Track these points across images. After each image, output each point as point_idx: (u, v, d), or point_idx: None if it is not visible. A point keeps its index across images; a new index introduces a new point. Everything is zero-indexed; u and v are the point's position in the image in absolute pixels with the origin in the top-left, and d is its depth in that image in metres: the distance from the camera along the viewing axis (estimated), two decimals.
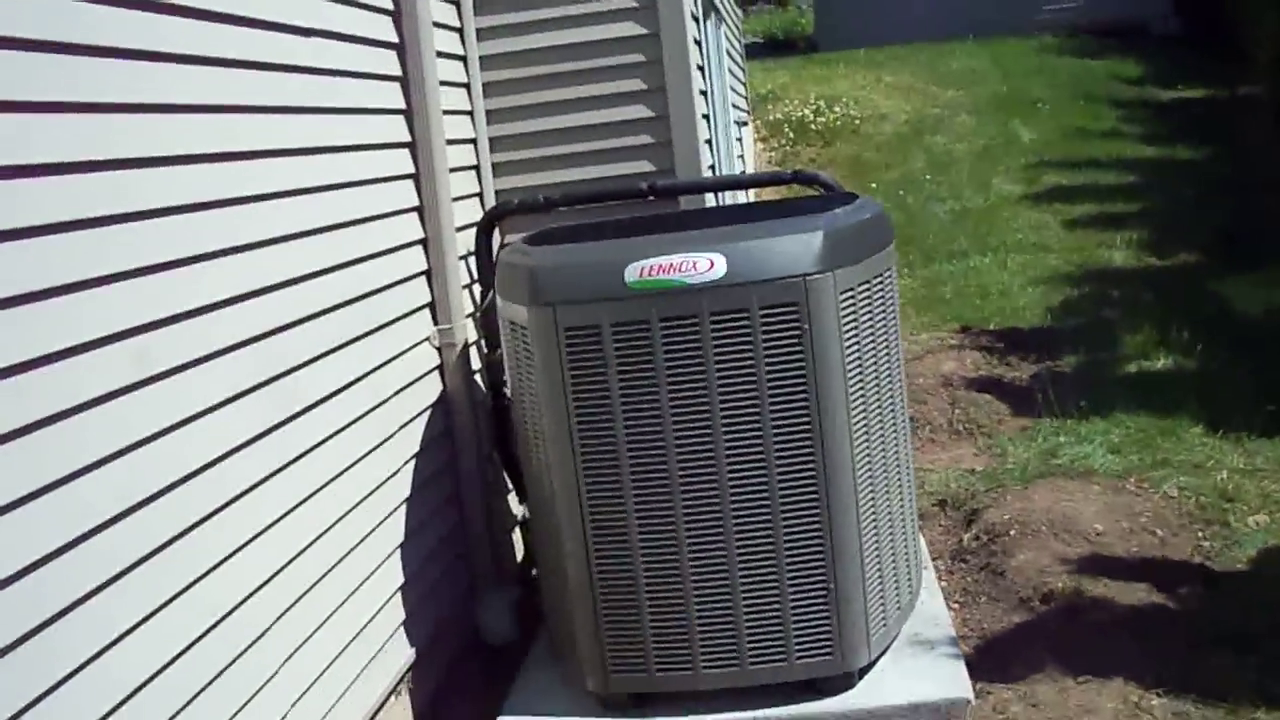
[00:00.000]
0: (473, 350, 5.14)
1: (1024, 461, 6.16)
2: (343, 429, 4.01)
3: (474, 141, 5.62)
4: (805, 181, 5.42)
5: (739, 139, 10.99)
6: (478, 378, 5.18)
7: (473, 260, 5.35)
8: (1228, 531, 5.27)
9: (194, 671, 3.08)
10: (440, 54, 5.00)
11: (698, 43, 6.63)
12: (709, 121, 6.85)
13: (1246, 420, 6.36)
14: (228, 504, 3.28)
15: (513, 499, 5.46)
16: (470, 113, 5.59)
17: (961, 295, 9.30)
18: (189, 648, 3.06)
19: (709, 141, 6.56)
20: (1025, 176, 12.55)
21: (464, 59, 5.54)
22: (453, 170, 5.06)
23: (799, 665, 4.05)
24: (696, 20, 6.68)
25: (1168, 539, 5.19)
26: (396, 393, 4.50)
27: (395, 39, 4.73)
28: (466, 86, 5.57)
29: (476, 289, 5.36)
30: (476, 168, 5.64)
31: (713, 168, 6.70)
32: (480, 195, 5.66)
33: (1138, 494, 5.63)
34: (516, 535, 5.51)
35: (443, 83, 4.99)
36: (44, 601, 2.56)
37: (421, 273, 4.86)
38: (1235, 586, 4.82)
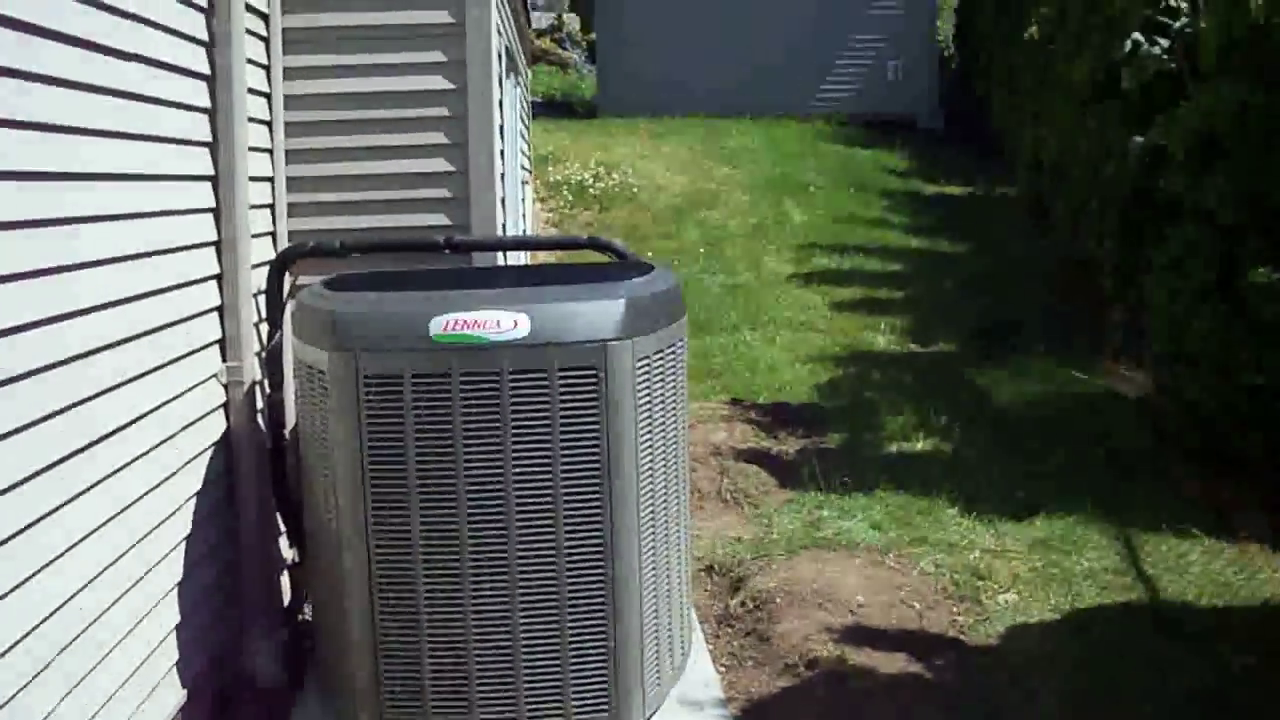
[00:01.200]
0: (257, 390, 5.09)
1: (789, 532, 6.36)
2: (132, 461, 3.94)
3: (271, 180, 5.58)
4: (599, 248, 5.53)
5: (522, 198, 11.11)
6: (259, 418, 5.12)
7: (263, 299, 5.30)
8: (980, 608, 5.54)
9: None
10: (249, 90, 4.97)
11: (499, 103, 6.72)
12: (503, 180, 6.94)
13: (998, 504, 6.70)
14: (18, 533, 3.20)
15: (283, 541, 5.41)
16: (270, 150, 5.55)
17: (732, 369, 9.55)
18: None
19: (503, 200, 6.64)
20: (795, 257, 12.95)
21: (269, 96, 5.51)
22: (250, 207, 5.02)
23: (575, 719, 4.12)
24: (499, 81, 6.77)
25: (925, 613, 5.43)
26: (184, 428, 4.43)
27: (207, 70, 4.70)
28: (269, 124, 5.53)
29: (263, 328, 5.31)
30: (272, 206, 5.60)
31: (503, 225, 6.77)
32: (274, 235, 5.61)
33: (897, 568, 5.87)
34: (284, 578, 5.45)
35: (249, 119, 4.96)
36: None
37: (215, 308, 4.81)
38: (987, 661, 5.08)
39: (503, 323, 3.91)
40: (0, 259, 3.18)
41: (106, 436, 3.77)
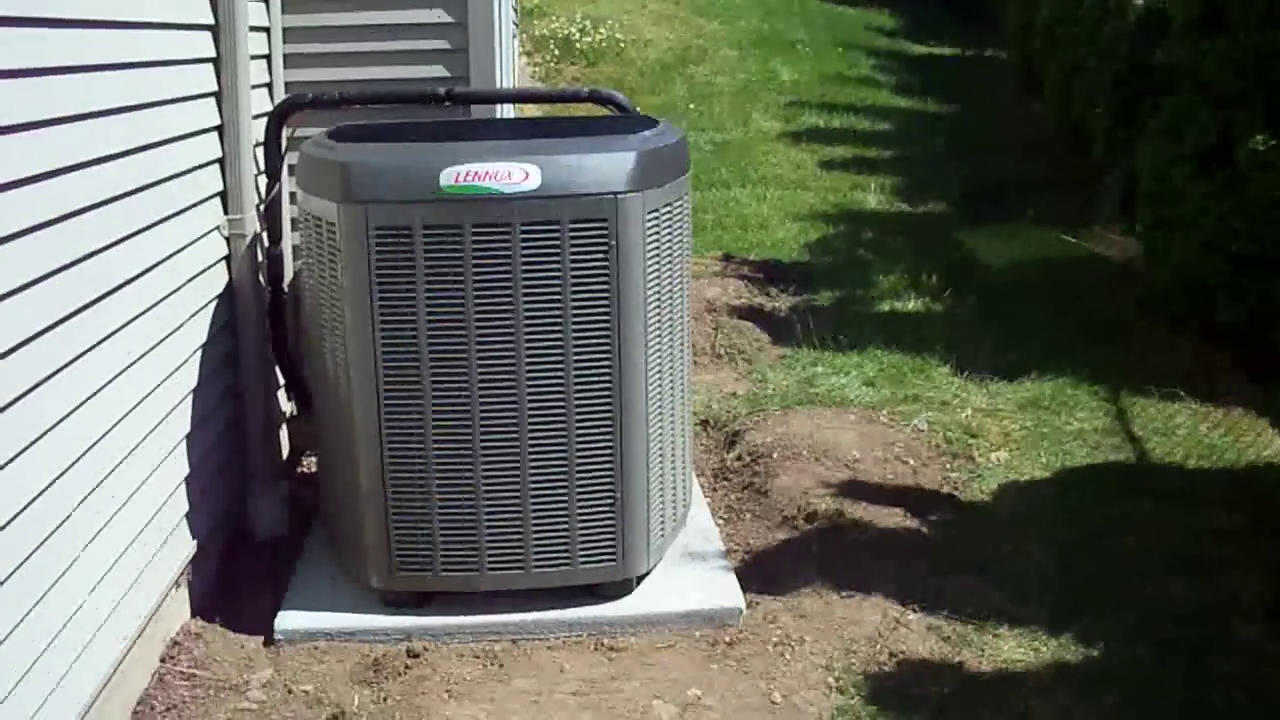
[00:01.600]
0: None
1: (784, 388, 6.41)
2: (140, 315, 3.94)
3: (268, 30, 5.50)
4: (600, 101, 5.48)
5: (510, 53, 10.97)
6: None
7: (260, 151, 5.26)
8: (972, 465, 5.61)
9: (8, 551, 3.04)
10: None
11: None
12: (499, 32, 6.84)
13: (989, 364, 6.74)
14: (36, 386, 3.22)
15: (281, 395, 5.44)
16: (266, 0, 5.47)
17: (723, 225, 9.53)
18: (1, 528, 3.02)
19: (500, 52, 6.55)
20: (784, 115, 12.86)
21: None
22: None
23: (582, 570, 4.20)
24: None
25: (919, 469, 5.50)
26: (187, 281, 4.42)
27: None
28: None
29: (261, 181, 5.27)
30: (268, 57, 5.51)
31: (500, 78, 6.69)
32: (270, 86, 5.54)
33: (890, 425, 5.93)
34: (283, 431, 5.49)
35: None
36: None
37: (215, 160, 4.77)
38: (980, 517, 5.16)
39: (514, 174, 3.89)
40: (14, 107, 3.15)
41: (118, 288, 3.76)
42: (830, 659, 4.14)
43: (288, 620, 4.25)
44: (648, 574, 4.40)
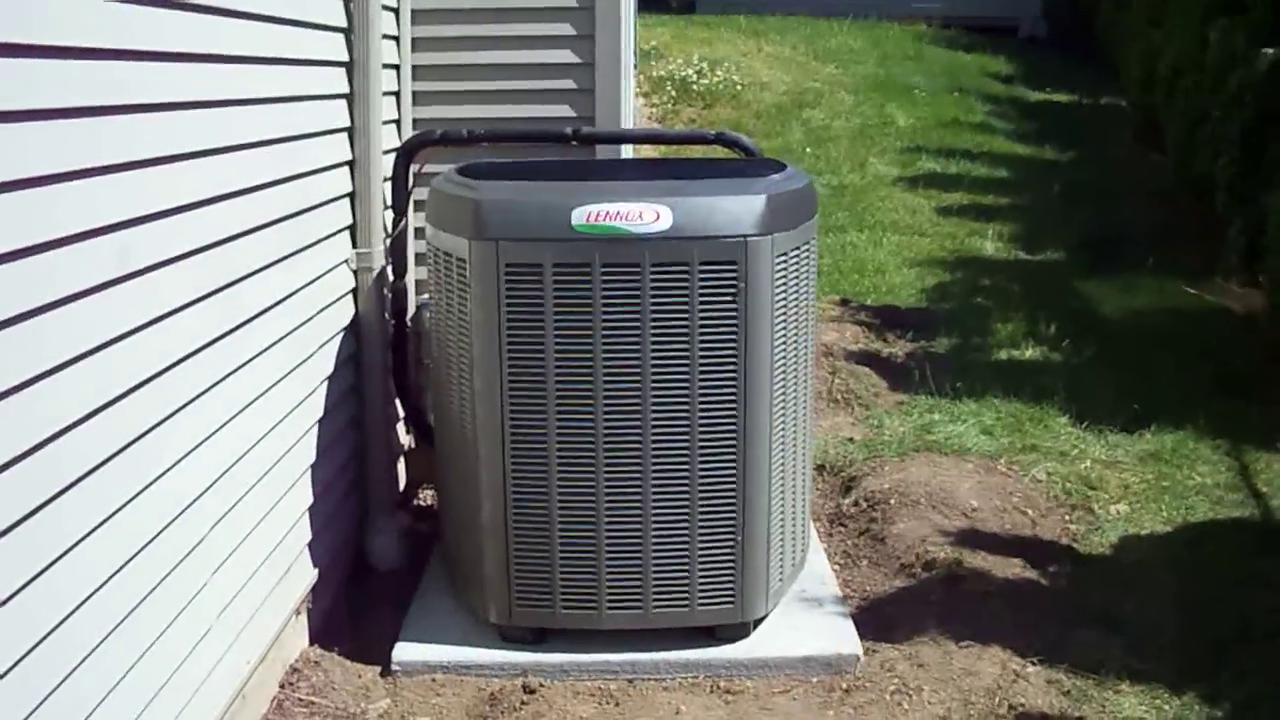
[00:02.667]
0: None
1: (900, 435, 6.35)
2: (272, 345, 4.01)
3: (398, 68, 5.59)
4: (727, 144, 5.51)
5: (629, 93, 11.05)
6: None
7: (389, 186, 5.34)
8: (1092, 517, 5.53)
9: (145, 573, 3.11)
10: None
11: None
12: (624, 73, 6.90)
13: (1109, 415, 6.64)
14: (182, 408, 3.29)
15: (399, 427, 5.50)
16: (397, 38, 5.56)
17: (839, 269, 9.49)
18: (140, 550, 3.09)
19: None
20: (900, 160, 12.79)
21: None
22: None
23: (700, 612, 4.19)
24: None
25: (1037, 520, 5.43)
26: (318, 312, 4.49)
27: None
28: (396, 11, 5.54)
29: (389, 215, 5.35)
30: (398, 94, 5.62)
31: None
32: (398, 122, 5.64)
33: (1008, 475, 5.86)
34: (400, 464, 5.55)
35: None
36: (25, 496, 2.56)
37: (346, 194, 4.85)
38: (1100, 569, 5.07)
39: (645, 215, 3.91)
40: (164, 139, 3.23)
41: (252, 319, 3.83)
42: (948, 710, 4.08)
43: (405, 651, 4.28)
44: (765, 617, 4.38)
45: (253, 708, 3.91)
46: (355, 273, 4.93)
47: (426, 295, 4.93)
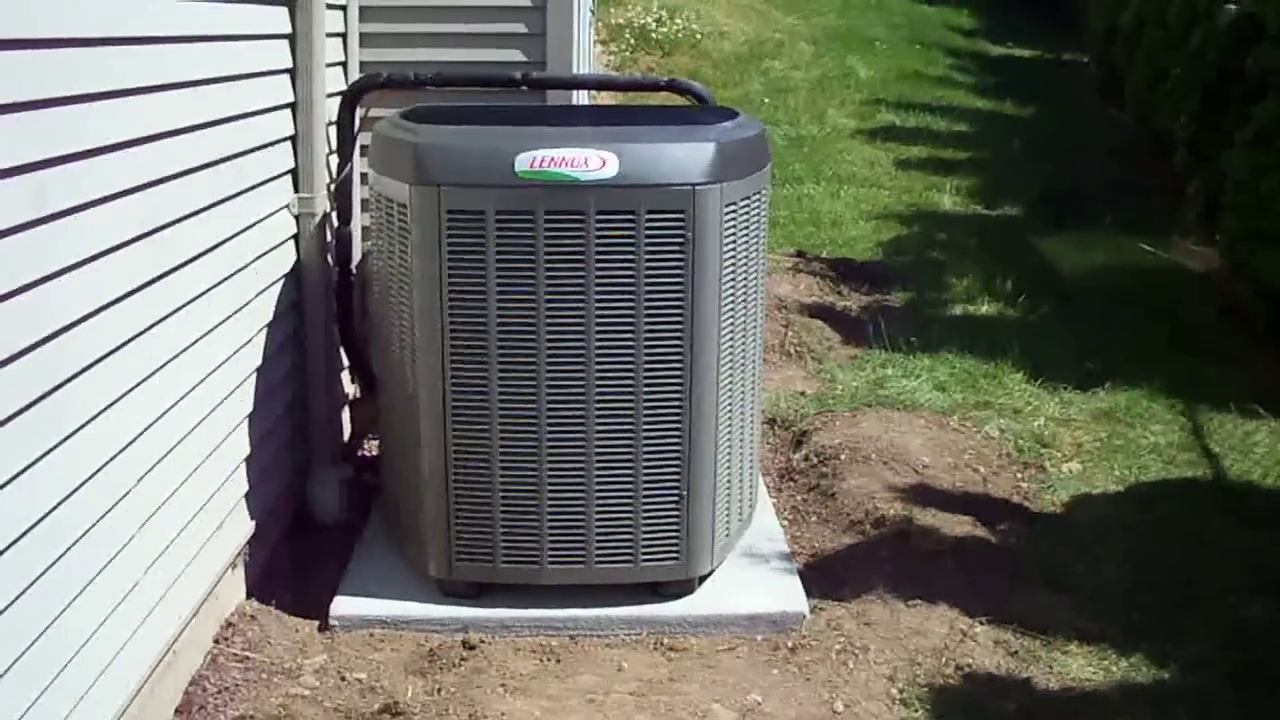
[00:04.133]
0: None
1: (853, 389, 6.30)
2: (208, 290, 3.89)
3: (344, 8, 5.45)
4: (679, 91, 5.38)
5: (586, 41, 10.90)
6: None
7: (333, 130, 5.21)
8: (1044, 475, 5.49)
9: (64, 525, 3.01)
10: None
11: None
12: (578, 17, 6.77)
13: (1063, 373, 6.61)
14: (110, 354, 3.18)
15: (345, 377, 5.39)
16: None
17: (795, 221, 9.43)
18: (60, 503, 2.98)
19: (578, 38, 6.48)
20: (860, 112, 12.74)
21: None
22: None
23: (644, 567, 4.13)
24: None
25: (989, 477, 5.38)
26: (256, 259, 4.36)
27: None
28: None
29: (333, 160, 5.22)
30: (344, 35, 5.47)
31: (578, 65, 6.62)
32: (344, 64, 5.50)
33: (961, 431, 5.81)
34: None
35: None
36: None
37: (288, 138, 4.72)
38: (1051, 528, 5.03)
39: (590, 161, 3.81)
40: (98, 76, 3.11)
41: (184, 264, 3.72)
42: (894, 669, 4.03)
43: (343, 606, 4.20)
44: (711, 574, 4.31)
45: (186, 661, 3.82)
46: (297, 218, 4.81)
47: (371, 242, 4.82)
